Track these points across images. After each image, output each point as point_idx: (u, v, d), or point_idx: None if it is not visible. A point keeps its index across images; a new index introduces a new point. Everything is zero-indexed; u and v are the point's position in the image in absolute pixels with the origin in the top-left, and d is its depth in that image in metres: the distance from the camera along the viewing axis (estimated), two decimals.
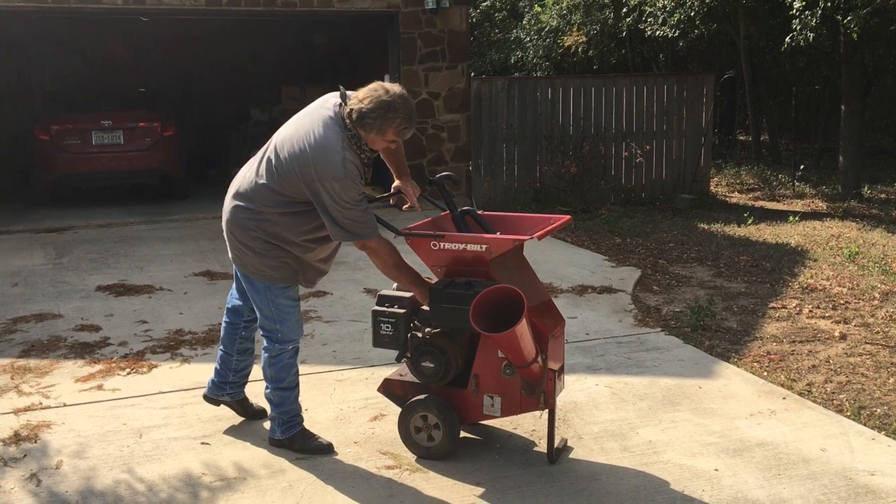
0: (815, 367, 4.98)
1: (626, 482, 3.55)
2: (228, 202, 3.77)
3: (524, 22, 19.09)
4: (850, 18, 9.47)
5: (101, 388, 4.63)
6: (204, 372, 4.84)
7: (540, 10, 18.20)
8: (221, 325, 4.11)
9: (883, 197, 12.33)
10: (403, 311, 3.71)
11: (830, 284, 6.80)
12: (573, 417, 4.20)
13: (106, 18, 11.72)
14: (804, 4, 10.27)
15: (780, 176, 14.11)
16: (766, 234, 9.22)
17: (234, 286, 4.06)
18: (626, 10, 15.57)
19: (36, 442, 3.94)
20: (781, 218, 10.31)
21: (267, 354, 3.80)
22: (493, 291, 3.37)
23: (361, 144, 3.53)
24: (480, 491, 3.47)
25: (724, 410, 4.29)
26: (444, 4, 10.49)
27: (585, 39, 17.16)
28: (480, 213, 3.98)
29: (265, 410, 4.09)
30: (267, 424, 4.00)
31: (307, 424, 3.92)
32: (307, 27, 14.85)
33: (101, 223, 9.76)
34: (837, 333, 5.56)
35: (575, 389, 4.52)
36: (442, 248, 3.60)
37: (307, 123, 3.55)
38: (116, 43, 13.99)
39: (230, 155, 13.11)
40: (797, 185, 13.30)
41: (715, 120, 14.05)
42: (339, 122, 3.51)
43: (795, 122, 15.77)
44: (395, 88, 3.50)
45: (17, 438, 3.96)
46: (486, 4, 20.98)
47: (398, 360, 3.81)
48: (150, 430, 4.09)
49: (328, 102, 3.61)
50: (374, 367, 4.87)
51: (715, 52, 17.91)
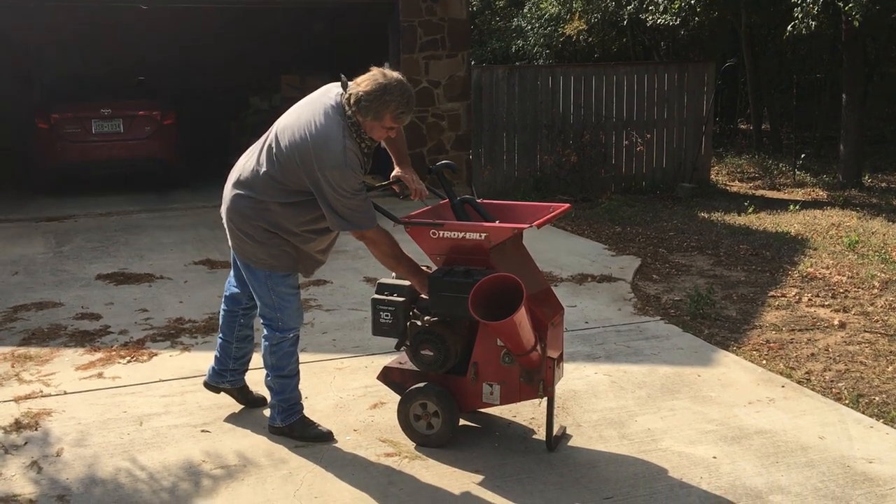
0: (814, 355, 4.99)
1: (624, 469, 3.56)
2: (228, 191, 3.76)
3: (525, 10, 19.02)
4: (851, 6, 9.44)
5: (101, 376, 4.64)
6: (204, 360, 4.85)
7: None
8: (220, 313, 4.11)
9: (884, 186, 12.32)
10: (403, 299, 3.72)
11: (830, 273, 6.81)
12: (572, 405, 4.21)
13: (105, 7, 11.68)
14: None
15: (780, 165, 14.09)
16: (766, 222, 9.22)
17: (231, 274, 4.06)
18: None
19: (37, 430, 3.96)
20: (782, 207, 10.31)
21: (267, 343, 3.81)
22: (492, 280, 3.37)
23: (361, 133, 3.52)
24: (479, 478, 3.49)
25: (722, 398, 4.30)
26: None
27: (586, 27, 17.10)
28: (480, 201, 3.98)
29: (265, 398, 4.10)
30: (267, 412, 4.02)
31: (307, 412, 3.93)
32: (307, 15, 14.80)
33: (101, 212, 9.76)
34: (836, 322, 5.57)
35: (574, 378, 4.53)
36: (441, 236, 3.61)
37: (308, 112, 3.55)
38: (115, 32, 13.95)
39: (229, 143, 13.08)
40: (798, 173, 13.29)
41: (716, 108, 14.00)
42: (339, 111, 3.50)
43: (796, 110, 15.72)
44: (393, 74, 3.51)
45: (17, 426, 3.98)
46: None
47: (397, 348, 3.82)
48: (150, 417, 4.10)
49: (330, 92, 3.60)
50: (373, 355, 4.88)
51: (716, 40, 17.85)
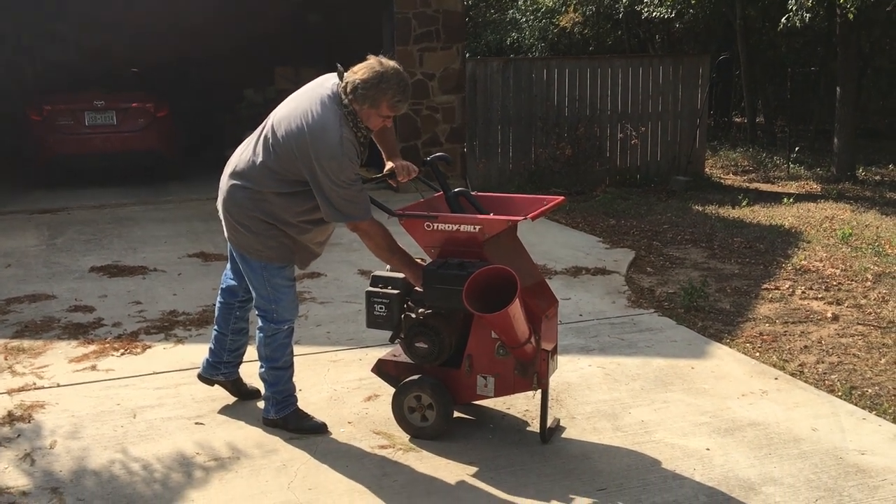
0: (807, 347, 5.01)
1: (617, 461, 3.57)
2: (225, 182, 3.76)
3: (520, 2, 18.99)
4: None
5: (94, 368, 4.63)
6: (198, 352, 4.85)
7: None
8: (216, 305, 4.11)
9: (877, 179, 12.34)
10: (397, 291, 3.72)
11: (823, 266, 6.82)
12: (566, 398, 4.22)
13: None
14: None
15: (774, 158, 14.10)
16: (760, 215, 9.23)
17: (228, 266, 4.05)
18: None
19: (30, 422, 3.95)
20: (776, 200, 10.33)
21: (262, 334, 3.80)
22: (486, 272, 3.37)
23: (358, 122, 3.52)
24: (473, 470, 3.49)
25: (716, 390, 4.31)
26: None
27: (581, 19, 17.09)
28: (474, 193, 3.98)
29: (259, 391, 4.10)
30: (261, 404, 4.02)
31: (301, 405, 3.93)
32: (302, 7, 14.74)
33: (94, 204, 9.72)
34: (830, 314, 5.59)
35: (568, 370, 4.54)
36: (435, 228, 3.60)
37: (305, 102, 3.54)
38: (109, 22, 13.88)
39: (224, 136, 13.04)
40: (792, 167, 13.30)
41: (710, 101, 14.01)
42: (336, 100, 3.50)
43: (791, 103, 15.75)
44: (389, 62, 3.51)
45: (10, 419, 3.97)
46: None
47: (392, 340, 3.82)
48: (143, 410, 4.10)
49: (327, 82, 3.60)
50: (367, 347, 4.88)
51: (711, 33, 17.85)
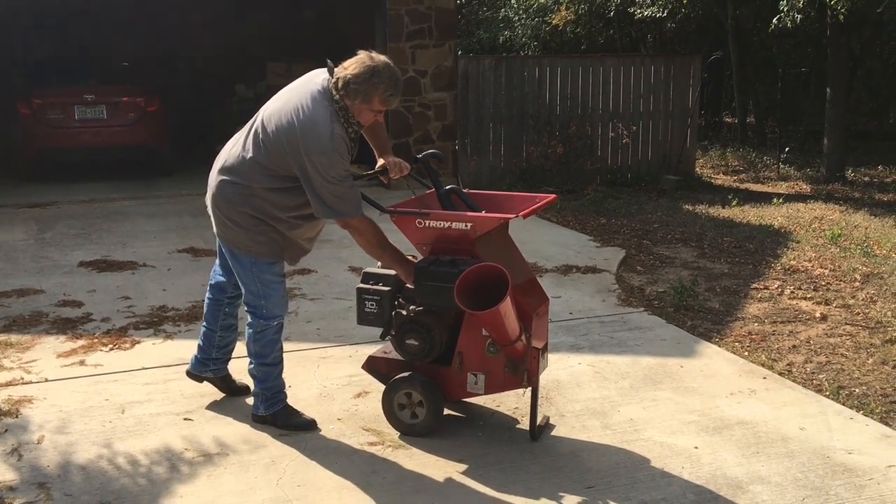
0: (795, 347, 5.03)
1: (606, 459, 3.58)
2: (214, 177, 3.74)
3: (512, 1, 18.99)
4: (836, 0, 9.47)
5: (83, 363, 4.61)
6: (187, 348, 4.83)
7: None
8: (205, 301, 4.09)
9: (866, 180, 12.41)
10: (388, 288, 3.71)
11: (812, 266, 6.86)
12: (556, 395, 4.23)
13: None
14: None
15: (765, 158, 14.16)
16: (750, 215, 9.27)
17: (217, 262, 4.04)
18: None
19: (17, 417, 3.93)
20: (765, 200, 10.37)
21: (251, 330, 3.79)
22: (477, 269, 3.37)
23: (349, 118, 3.51)
24: (463, 467, 3.49)
25: (704, 389, 4.33)
26: None
27: (574, 18, 17.10)
28: (466, 191, 3.98)
29: (248, 387, 4.09)
30: (250, 401, 4.00)
31: (290, 401, 3.92)
32: (295, 3, 14.69)
33: (84, 199, 9.68)
34: (818, 314, 5.61)
35: (558, 368, 4.55)
36: (427, 225, 3.60)
37: (295, 97, 3.53)
38: (100, 16, 13.80)
39: (215, 131, 12.99)
40: (782, 167, 13.36)
41: (701, 101, 14.05)
42: (327, 95, 3.49)
43: (781, 104, 15.81)
44: (380, 57, 3.50)
45: None
46: None
47: (382, 337, 3.82)
48: (132, 405, 4.08)
49: (317, 77, 3.59)
50: (358, 344, 4.87)
51: (703, 33, 17.90)
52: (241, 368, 4.14)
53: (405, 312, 3.67)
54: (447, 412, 3.89)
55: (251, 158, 3.58)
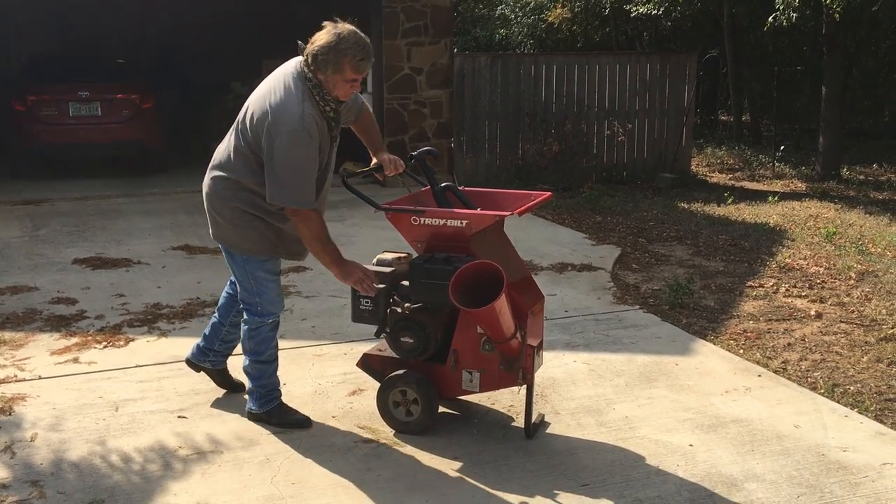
0: (790, 345, 5.04)
1: (602, 457, 3.58)
2: (207, 174, 3.75)
3: None
4: None
5: (77, 361, 4.59)
6: (181, 346, 4.82)
7: None
8: (222, 294, 4.08)
9: (861, 178, 12.43)
10: (383, 286, 3.70)
11: (807, 264, 6.86)
12: (551, 393, 4.22)
13: None
14: None
15: (760, 156, 14.17)
16: (745, 213, 9.27)
17: None
18: None
19: (10, 415, 3.91)
20: (761, 198, 10.38)
21: (247, 327, 3.79)
22: (472, 267, 3.36)
23: (324, 94, 3.49)
24: (458, 465, 3.49)
25: (699, 387, 4.33)
26: None
27: (570, 15, 17.10)
28: (461, 188, 3.97)
29: (244, 384, 4.07)
30: (245, 398, 3.99)
31: (285, 399, 3.92)
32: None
33: (78, 196, 9.64)
34: (813, 312, 5.62)
35: (553, 366, 4.54)
36: (422, 223, 3.60)
37: (271, 83, 3.57)
38: (95, 13, 13.76)
39: (210, 128, 12.96)
40: (777, 165, 13.37)
41: (697, 99, 14.05)
42: (301, 77, 3.50)
43: (777, 102, 15.81)
44: (345, 25, 3.51)
45: None
46: None
47: (377, 335, 3.81)
48: (126, 403, 4.07)
49: (292, 62, 3.62)
50: (352, 342, 4.86)
51: (699, 31, 17.91)
52: (237, 365, 4.13)
53: (400, 310, 3.66)
54: (442, 410, 3.89)
55: (236, 150, 3.60)
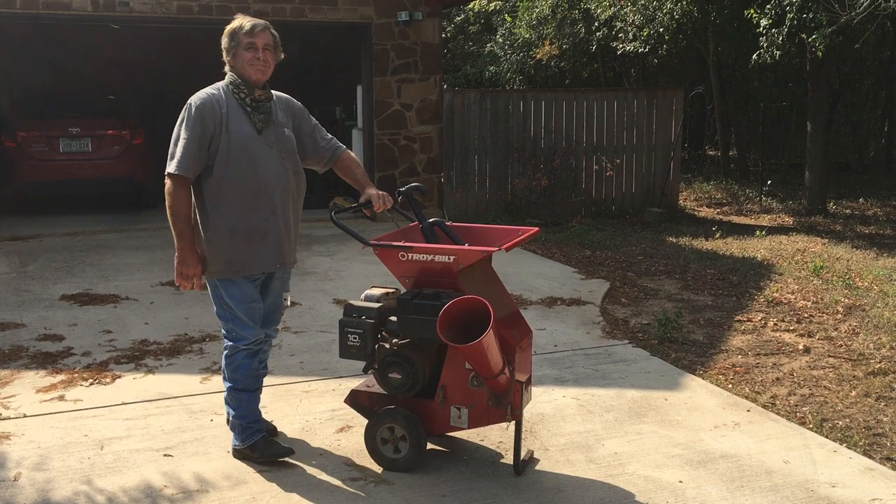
0: (779, 379, 5.04)
1: (591, 494, 3.56)
2: None
3: (497, 36, 19.22)
4: (814, 37, 9.65)
5: (62, 398, 4.55)
6: (168, 382, 4.80)
7: (510, 20, 18.33)
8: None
9: (847, 213, 12.54)
10: (371, 321, 3.70)
11: (795, 298, 6.89)
12: (540, 429, 4.21)
13: (76, 25, 11.59)
14: (770, 23, 10.45)
15: (747, 191, 14.30)
16: (733, 247, 9.33)
17: None
18: (596, 24, 15.73)
19: None
20: (748, 232, 10.45)
21: (224, 352, 3.82)
22: (460, 302, 3.37)
23: (239, 84, 3.69)
24: (446, 503, 3.46)
25: (689, 422, 4.32)
26: (416, 17, 10.53)
27: (558, 53, 17.32)
28: (449, 223, 3.99)
29: (274, 426, 4.08)
30: (230, 436, 3.96)
31: None
32: (281, 36, 14.78)
33: (67, 231, 9.63)
34: (801, 346, 5.63)
35: (542, 401, 4.53)
36: (410, 258, 3.60)
37: None
38: (86, 49, 13.85)
39: None
40: (764, 199, 13.49)
41: (684, 135, 14.23)
42: (225, 82, 3.75)
43: (763, 137, 16.00)
44: None
45: None
46: (460, 18, 21.10)
47: (365, 371, 3.80)
48: (111, 441, 4.03)
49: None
50: (341, 378, 4.84)
51: (685, 67, 18.15)
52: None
53: (388, 346, 3.66)
54: (431, 447, 3.86)
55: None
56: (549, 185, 11.21)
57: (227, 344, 3.79)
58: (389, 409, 3.71)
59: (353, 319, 3.72)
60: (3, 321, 5.99)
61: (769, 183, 14.36)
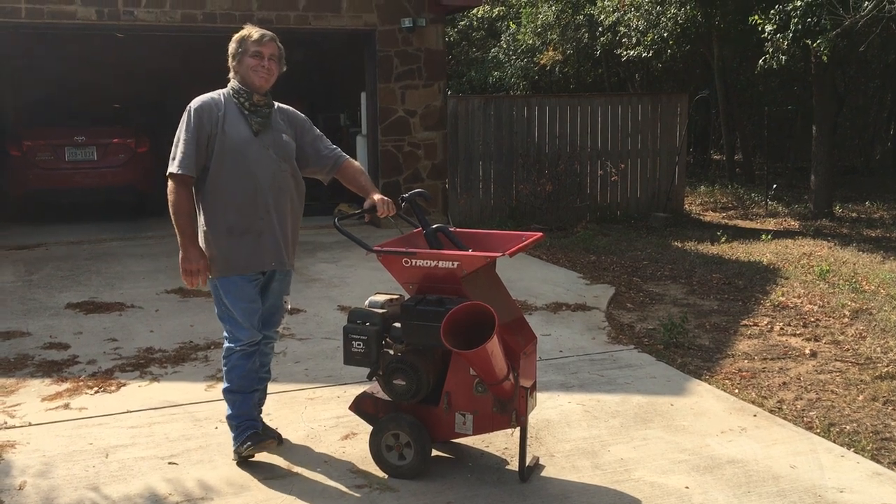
0: (785, 384, 5.01)
1: (597, 500, 3.54)
2: None
3: (501, 42, 19.24)
4: (819, 41, 9.63)
5: (67, 407, 4.55)
6: (173, 390, 4.80)
7: (515, 26, 18.36)
8: None
9: (853, 216, 12.50)
10: (375, 328, 3.69)
11: (801, 302, 6.86)
12: (545, 435, 4.19)
13: (81, 34, 11.63)
14: (775, 28, 10.44)
15: (753, 195, 14.27)
16: (738, 252, 9.30)
17: None
18: (601, 29, 15.73)
19: None
20: (754, 236, 10.41)
21: (223, 352, 3.85)
22: (464, 308, 3.36)
23: (241, 91, 3.75)
24: None
25: (695, 428, 4.30)
26: (420, 23, 10.53)
27: (562, 58, 17.33)
28: (453, 229, 3.99)
29: (278, 433, 4.09)
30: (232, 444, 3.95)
31: None
32: (284, 44, 14.81)
33: (72, 240, 9.65)
34: (808, 351, 5.61)
35: (547, 407, 4.51)
36: (414, 265, 3.60)
37: None
38: (91, 58, 13.89)
39: None
40: (770, 203, 13.45)
41: (689, 139, 14.22)
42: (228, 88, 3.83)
43: (768, 141, 15.98)
44: None
45: None
46: (463, 24, 21.13)
47: (370, 377, 3.79)
48: (116, 449, 4.02)
49: None
50: (346, 384, 4.83)
51: (690, 72, 18.14)
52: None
53: (392, 352, 3.65)
54: (435, 453, 3.85)
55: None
56: (553, 190, 11.19)
57: (225, 343, 3.84)
58: (394, 415, 3.70)
59: (357, 326, 3.72)
60: (8, 330, 6.00)
61: (775, 187, 14.32)
